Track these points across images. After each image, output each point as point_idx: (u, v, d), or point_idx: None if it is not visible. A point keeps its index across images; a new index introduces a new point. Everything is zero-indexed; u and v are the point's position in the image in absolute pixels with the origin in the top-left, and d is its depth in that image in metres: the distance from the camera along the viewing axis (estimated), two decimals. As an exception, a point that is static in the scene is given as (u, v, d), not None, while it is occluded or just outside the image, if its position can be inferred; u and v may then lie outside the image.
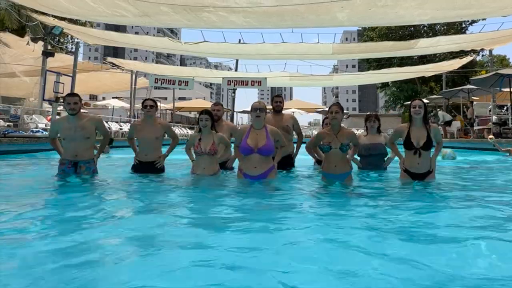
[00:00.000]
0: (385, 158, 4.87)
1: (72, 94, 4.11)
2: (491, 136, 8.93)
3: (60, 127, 3.98)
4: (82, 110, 4.11)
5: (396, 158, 4.14)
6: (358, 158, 4.83)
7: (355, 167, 4.61)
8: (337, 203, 2.90)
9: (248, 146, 3.63)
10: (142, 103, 4.48)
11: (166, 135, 4.52)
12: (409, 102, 21.71)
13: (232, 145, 4.33)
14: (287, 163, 4.82)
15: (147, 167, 4.31)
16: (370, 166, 4.76)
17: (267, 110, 3.90)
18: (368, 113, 5.52)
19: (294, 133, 5.18)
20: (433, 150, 3.72)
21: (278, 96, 5.06)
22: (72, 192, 3.24)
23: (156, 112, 4.52)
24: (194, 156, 4.11)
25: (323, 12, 8.72)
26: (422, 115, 3.61)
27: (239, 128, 4.68)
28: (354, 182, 3.82)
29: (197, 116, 4.39)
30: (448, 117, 14.62)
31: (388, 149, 4.66)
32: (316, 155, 4.39)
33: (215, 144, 3.92)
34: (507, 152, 8.23)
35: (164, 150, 4.54)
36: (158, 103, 5.36)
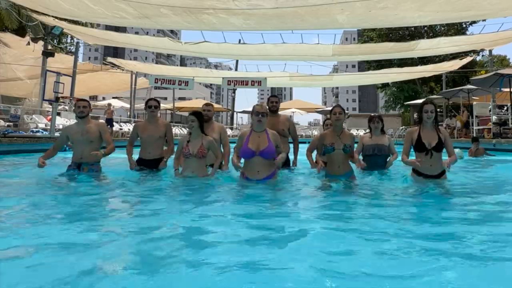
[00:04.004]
0: (388, 159, 4.87)
1: (82, 99, 4.45)
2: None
3: (70, 132, 4.29)
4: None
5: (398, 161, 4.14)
6: (361, 158, 4.84)
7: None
8: (342, 204, 2.88)
9: (249, 150, 3.59)
10: (146, 103, 4.64)
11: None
12: (410, 103, 21.33)
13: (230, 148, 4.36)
14: (284, 162, 4.77)
15: (150, 164, 4.45)
16: (375, 166, 4.75)
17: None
18: (372, 114, 5.50)
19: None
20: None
21: (274, 97, 5.03)
22: (73, 191, 3.30)
23: (158, 112, 4.70)
24: (182, 161, 4.06)
25: (323, 14, 8.73)
26: (433, 119, 3.63)
27: (240, 132, 4.67)
28: (359, 183, 3.84)
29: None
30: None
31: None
32: (309, 161, 4.44)
33: (204, 147, 3.89)
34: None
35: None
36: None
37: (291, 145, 5.14)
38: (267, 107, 4.94)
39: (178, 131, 20.28)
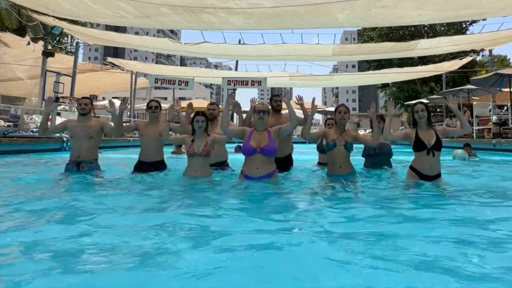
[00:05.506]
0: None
1: (84, 97, 4.57)
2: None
3: (71, 124, 4.39)
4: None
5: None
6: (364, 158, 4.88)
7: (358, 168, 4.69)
8: (342, 205, 2.86)
9: (251, 147, 3.64)
10: (147, 104, 4.67)
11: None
12: (410, 103, 21.41)
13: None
14: (287, 162, 4.86)
15: (149, 167, 4.43)
16: (377, 165, 4.79)
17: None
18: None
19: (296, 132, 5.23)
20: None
21: (277, 96, 5.10)
22: (72, 191, 3.28)
23: (160, 113, 4.72)
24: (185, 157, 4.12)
25: (323, 13, 8.73)
26: (425, 118, 3.61)
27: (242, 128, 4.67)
28: (362, 182, 3.83)
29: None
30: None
31: (394, 149, 4.69)
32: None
33: (208, 145, 3.95)
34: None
35: (166, 150, 4.62)
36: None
37: (293, 145, 5.19)
38: (272, 106, 4.98)
39: (178, 131, 20.27)
